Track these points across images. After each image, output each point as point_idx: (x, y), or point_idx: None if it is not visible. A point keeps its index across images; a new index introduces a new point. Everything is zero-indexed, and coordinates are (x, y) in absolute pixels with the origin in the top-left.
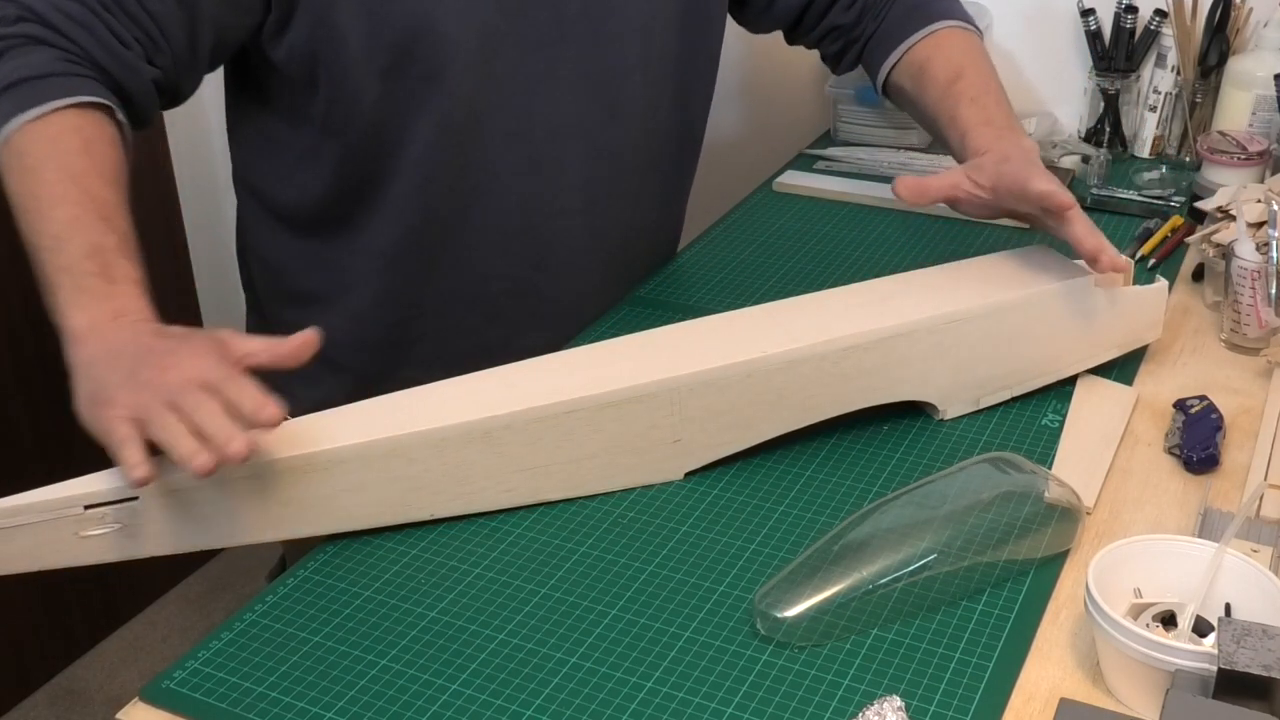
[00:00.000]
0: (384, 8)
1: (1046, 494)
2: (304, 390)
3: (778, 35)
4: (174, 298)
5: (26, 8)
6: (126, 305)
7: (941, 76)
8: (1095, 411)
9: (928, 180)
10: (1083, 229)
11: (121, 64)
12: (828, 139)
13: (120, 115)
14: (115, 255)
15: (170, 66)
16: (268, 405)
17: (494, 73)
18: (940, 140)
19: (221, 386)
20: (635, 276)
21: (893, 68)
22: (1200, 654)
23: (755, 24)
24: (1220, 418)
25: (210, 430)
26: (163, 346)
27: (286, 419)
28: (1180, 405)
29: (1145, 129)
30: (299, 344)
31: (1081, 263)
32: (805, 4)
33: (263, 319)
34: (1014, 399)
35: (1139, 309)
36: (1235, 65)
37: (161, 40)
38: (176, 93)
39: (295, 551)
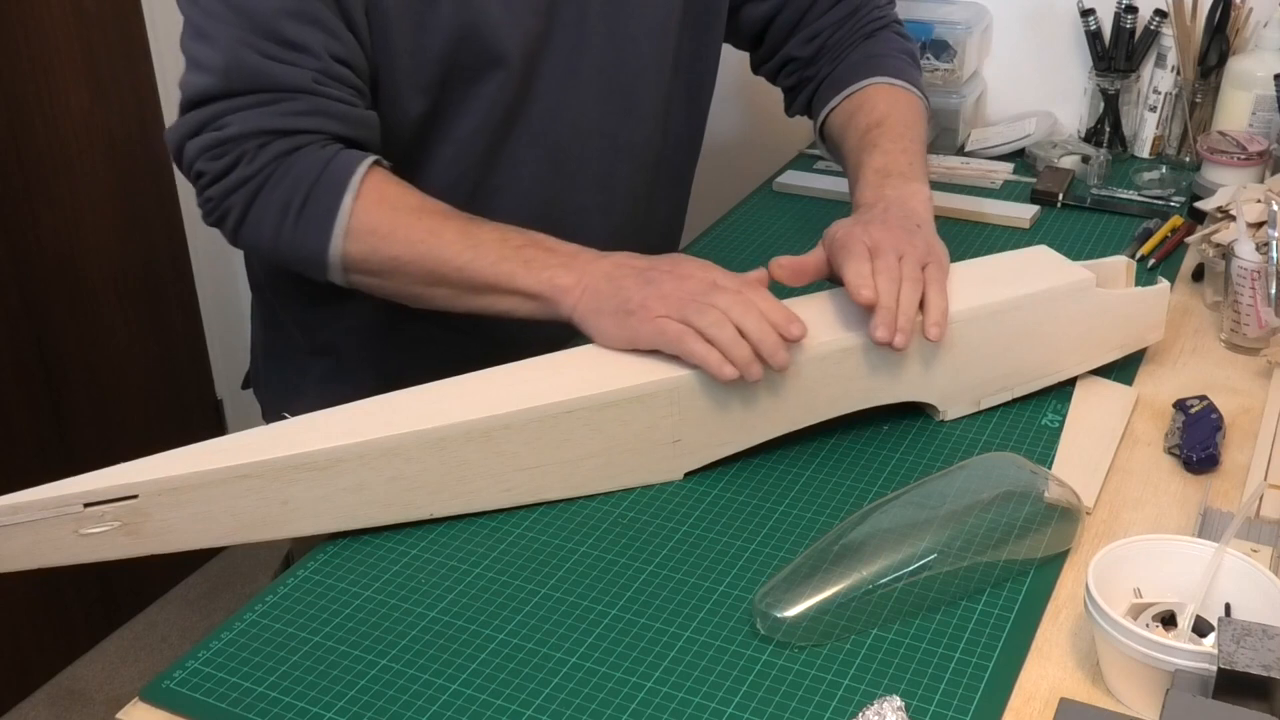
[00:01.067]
0: (434, 23)
1: (1046, 494)
2: (317, 389)
3: None
4: (175, 297)
5: (262, 132)
6: (572, 249)
7: (862, 124)
8: (1095, 411)
9: (803, 260)
10: (854, 269)
11: (359, 124)
12: None
13: (384, 162)
14: (516, 229)
15: (371, 102)
16: (795, 318)
17: (530, 76)
18: (851, 188)
19: (750, 295)
20: None
21: (828, 114)
22: (1200, 654)
23: (731, 36)
24: (1220, 418)
25: (757, 336)
26: (660, 263)
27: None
28: (1180, 405)
29: (1145, 129)
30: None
31: (1083, 264)
32: (766, 24)
33: (273, 318)
34: (1014, 399)
35: (1140, 310)
36: (1235, 65)
37: (364, 86)
38: None
39: (302, 547)
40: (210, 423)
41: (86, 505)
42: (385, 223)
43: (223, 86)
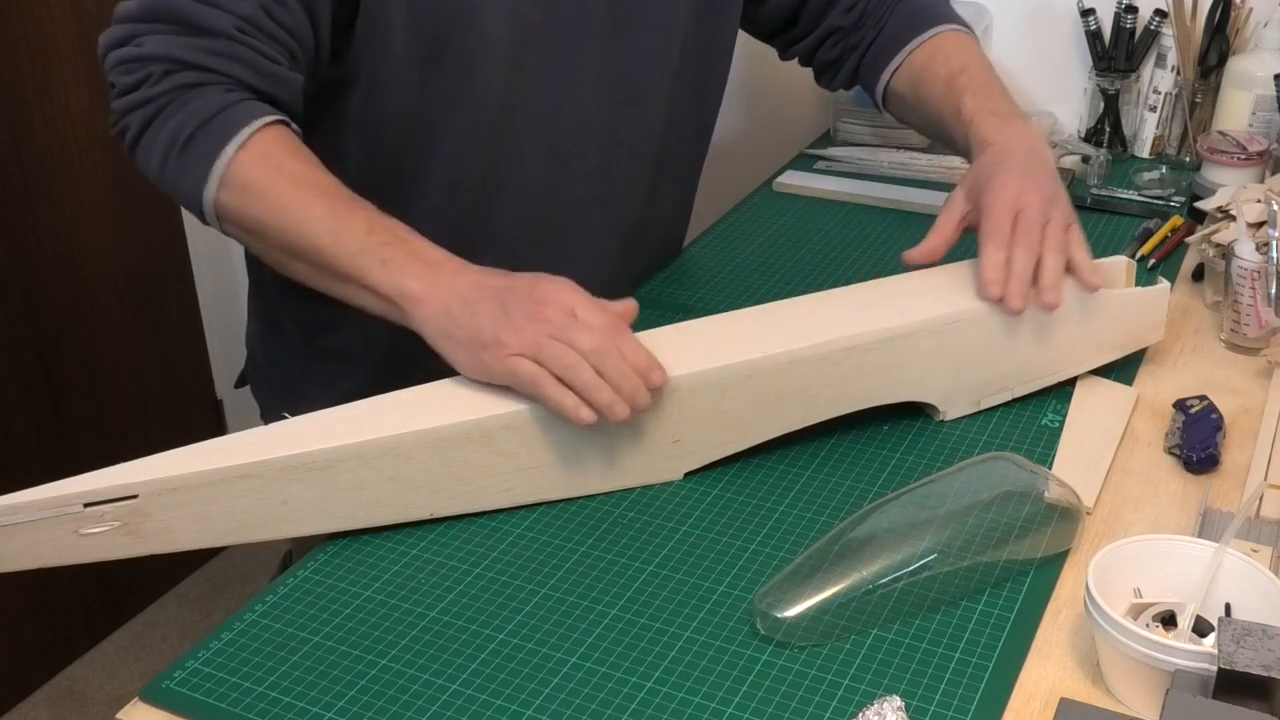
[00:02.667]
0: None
1: (1046, 494)
2: (320, 389)
3: None
4: (175, 297)
5: (172, 60)
6: (437, 257)
7: (944, 73)
8: (1095, 411)
9: (935, 241)
10: (990, 259)
11: (275, 81)
12: (828, 139)
13: (292, 125)
14: (389, 223)
15: (306, 71)
16: (656, 365)
17: (526, 65)
18: (945, 138)
19: (612, 336)
20: (643, 269)
21: (894, 74)
22: (1200, 654)
23: (752, 23)
24: (1220, 418)
25: (616, 379)
26: (518, 284)
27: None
28: (1180, 405)
29: (1145, 129)
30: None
31: None
32: (801, 2)
33: (272, 316)
34: (1014, 399)
35: (1141, 310)
36: (1235, 65)
37: (297, 49)
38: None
39: (302, 547)
40: (210, 423)
41: (86, 505)
42: (259, 180)
43: (146, 12)
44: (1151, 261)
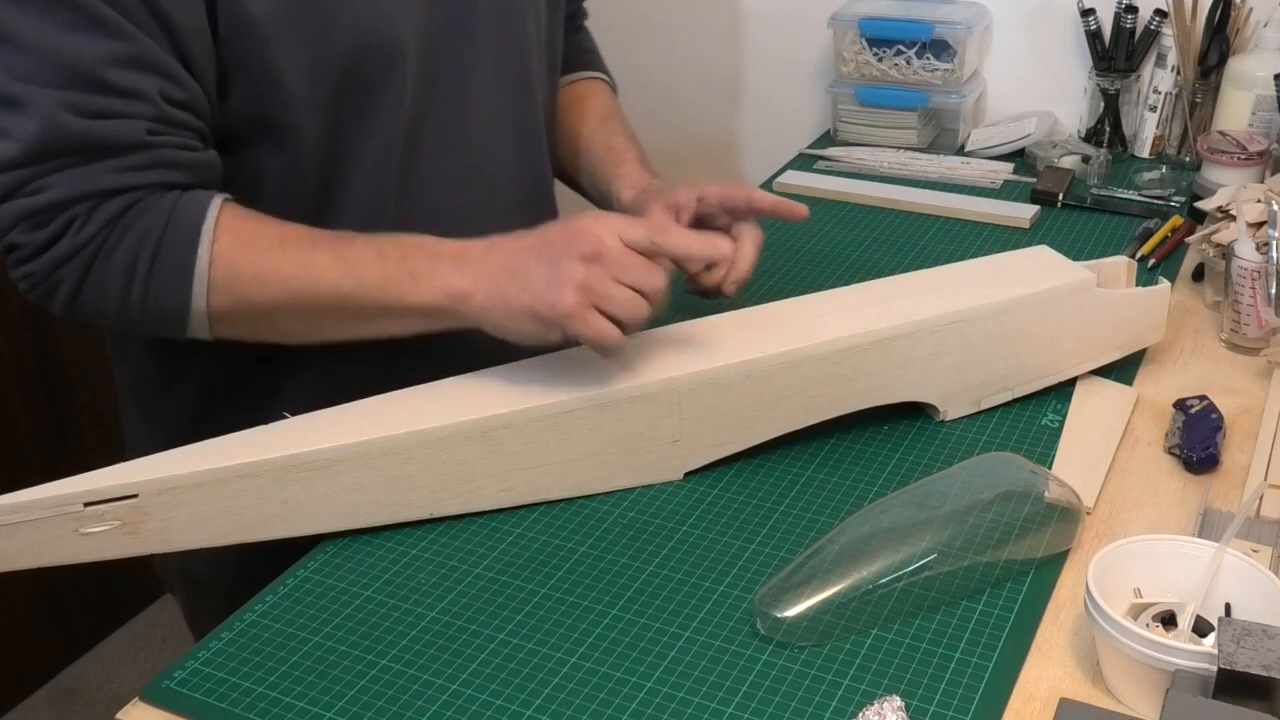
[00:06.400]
0: (326, 30)
1: (1047, 494)
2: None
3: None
4: None
5: (91, 194)
6: (457, 248)
7: (599, 111)
8: (1095, 411)
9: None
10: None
11: (199, 169)
12: (828, 139)
13: (230, 197)
14: (390, 239)
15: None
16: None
17: (432, 70)
18: (583, 161)
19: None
20: None
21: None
22: (1200, 654)
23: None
24: (1220, 418)
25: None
26: (555, 234)
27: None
28: (1180, 405)
29: (1145, 129)
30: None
31: (1083, 264)
32: None
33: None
34: (1014, 399)
35: (1141, 311)
36: (1235, 65)
37: (202, 125)
38: None
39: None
40: None
41: (86, 505)
42: (249, 266)
43: (35, 153)
44: (1151, 261)
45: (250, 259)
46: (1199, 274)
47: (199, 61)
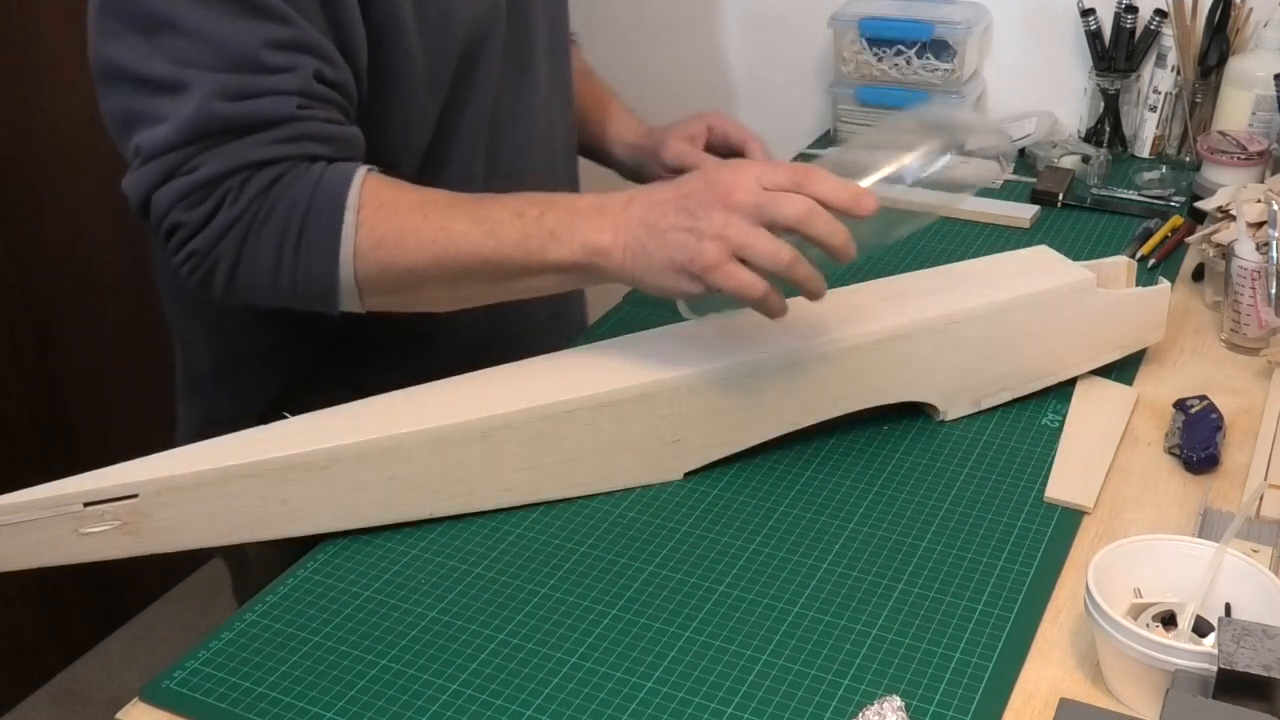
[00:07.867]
0: (454, 14)
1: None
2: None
3: (780, 35)
4: None
5: (243, 167)
6: (593, 201)
7: (578, 67)
8: (1095, 411)
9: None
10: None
11: (343, 143)
12: (828, 139)
13: (374, 168)
14: (526, 197)
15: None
16: (863, 193)
17: (510, 38)
18: (605, 117)
19: (806, 185)
20: None
21: None
22: (1200, 654)
23: None
24: (1220, 418)
25: (825, 234)
26: (694, 186)
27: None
28: (1180, 405)
29: (1145, 129)
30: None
31: (1083, 264)
32: None
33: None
34: (1014, 399)
35: (1141, 311)
36: (1235, 65)
37: (349, 105)
38: None
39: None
40: None
41: (86, 505)
42: (392, 231)
43: (190, 134)
44: (1151, 261)
45: (392, 224)
46: (1199, 274)
47: (354, 44)
